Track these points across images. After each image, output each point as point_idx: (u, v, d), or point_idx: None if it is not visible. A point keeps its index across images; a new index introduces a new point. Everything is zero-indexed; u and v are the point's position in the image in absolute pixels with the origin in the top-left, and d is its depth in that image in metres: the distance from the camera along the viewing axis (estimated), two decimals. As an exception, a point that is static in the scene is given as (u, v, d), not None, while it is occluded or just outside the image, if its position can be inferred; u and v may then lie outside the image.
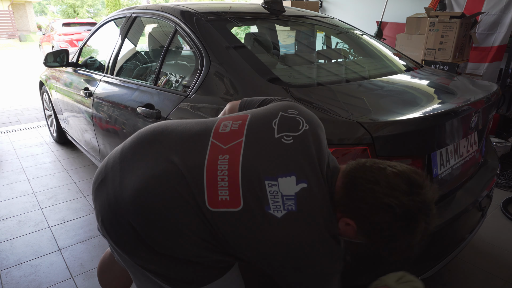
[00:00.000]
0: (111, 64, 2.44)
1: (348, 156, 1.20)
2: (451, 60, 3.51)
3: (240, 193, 0.85)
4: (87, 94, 2.52)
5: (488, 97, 1.62)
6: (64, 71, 3.19)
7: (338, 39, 2.55)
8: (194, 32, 1.76)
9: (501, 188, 3.01)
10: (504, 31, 3.90)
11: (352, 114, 1.28)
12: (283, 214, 0.83)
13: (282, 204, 0.83)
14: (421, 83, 1.87)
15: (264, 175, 0.85)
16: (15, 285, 1.91)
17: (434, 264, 1.46)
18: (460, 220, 1.53)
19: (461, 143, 1.58)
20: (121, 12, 2.59)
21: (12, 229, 2.38)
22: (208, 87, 1.63)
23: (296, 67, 2.00)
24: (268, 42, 2.25)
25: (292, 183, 0.85)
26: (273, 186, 0.84)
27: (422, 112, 1.34)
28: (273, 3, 2.21)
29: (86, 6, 32.92)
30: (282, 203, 0.83)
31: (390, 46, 2.42)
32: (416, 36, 3.93)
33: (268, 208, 0.83)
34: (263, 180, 0.85)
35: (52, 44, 13.49)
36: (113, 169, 0.99)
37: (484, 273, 2.02)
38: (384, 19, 5.01)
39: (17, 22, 23.53)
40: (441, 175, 1.46)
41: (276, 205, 0.83)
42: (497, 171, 1.88)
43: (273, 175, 0.85)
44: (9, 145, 4.03)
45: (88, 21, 16.10)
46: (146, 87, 2.03)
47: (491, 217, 2.56)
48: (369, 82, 1.72)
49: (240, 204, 0.84)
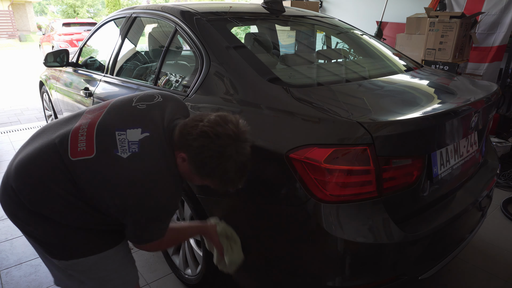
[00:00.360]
0: (111, 64, 2.44)
1: (348, 156, 1.20)
2: (451, 60, 3.51)
3: (94, 143, 1.06)
4: (87, 94, 2.52)
5: (488, 97, 1.62)
6: (64, 71, 3.19)
7: (338, 39, 2.55)
8: (194, 32, 1.76)
9: (501, 188, 3.01)
10: (504, 31, 3.90)
11: (352, 114, 1.28)
12: (128, 155, 1.03)
13: (128, 147, 1.04)
14: (421, 83, 1.87)
15: (116, 128, 1.08)
16: (15, 285, 1.91)
17: (434, 264, 1.46)
18: (460, 220, 1.53)
19: (461, 143, 1.58)
20: (121, 12, 2.59)
21: (12, 229, 2.38)
22: (208, 87, 1.63)
23: (296, 67, 2.00)
24: (268, 42, 2.25)
25: (138, 133, 1.07)
26: (122, 135, 1.06)
27: (422, 112, 1.34)
28: (273, 3, 2.21)
29: (86, 6, 32.92)
30: (128, 147, 1.04)
31: (390, 46, 2.42)
32: (416, 36, 3.93)
33: (116, 151, 1.04)
34: (114, 131, 1.07)
35: (52, 44, 13.49)
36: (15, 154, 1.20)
37: (484, 273, 2.02)
38: (384, 19, 5.01)
39: (17, 22, 23.52)
40: (441, 175, 1.46)
41: (123, 149, 1.04)
42: (497, 171, 1.88)
43: (123, 127, 1.08)
44: (9, 145, 4.03)
45: (88, 21, 16.10)
46: (146, 87, 2.03)
47: (491, 217, 2.56)
48: (369, 82, 1.72)
49: (94, 152, 1.04)
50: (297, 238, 1.29)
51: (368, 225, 1.25)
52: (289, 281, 1.38)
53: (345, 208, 1.23)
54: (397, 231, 1.26)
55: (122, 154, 1.03)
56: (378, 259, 1.28)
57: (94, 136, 1.07)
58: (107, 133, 1.07)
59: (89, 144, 1.05)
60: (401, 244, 1.28)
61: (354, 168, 1.21)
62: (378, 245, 1.24)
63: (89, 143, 1.06)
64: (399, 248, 1.28)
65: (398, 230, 1.27)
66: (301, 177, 1.22)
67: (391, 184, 1.28)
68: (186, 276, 1.87)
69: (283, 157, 1.24)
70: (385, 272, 1.32)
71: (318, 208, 1.21)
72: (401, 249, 1.29)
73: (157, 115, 1.14)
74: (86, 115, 1.17)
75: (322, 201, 1.21)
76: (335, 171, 1.20)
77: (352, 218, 1.24)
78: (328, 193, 1.20)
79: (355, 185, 1.23)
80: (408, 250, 1.32)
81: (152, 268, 2.06)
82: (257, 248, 1.43)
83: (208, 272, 1.67)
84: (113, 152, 1.04)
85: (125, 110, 1.16)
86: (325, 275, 1.29)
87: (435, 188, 1.46)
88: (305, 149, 1.22)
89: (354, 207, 1.24)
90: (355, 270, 1.28)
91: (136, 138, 1.06)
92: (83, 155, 1.04)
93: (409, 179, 1.33)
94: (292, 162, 1.23)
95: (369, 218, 1.25)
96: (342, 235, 1.21)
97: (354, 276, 1.28)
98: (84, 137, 1.07)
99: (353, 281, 1.28)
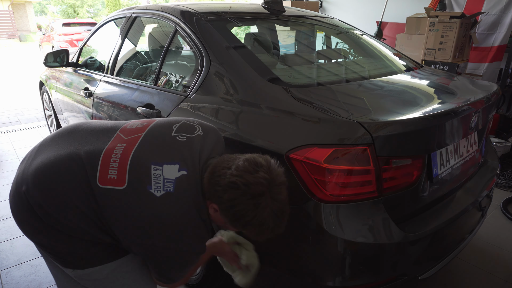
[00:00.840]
0: (111, 64, 2.44)
1: (348, 156, 1.20)
2: (451, 60, 3.51)
3: (126, 174, 0.97)
4: (87, 94, 2.52)
5: (488, 97, 1.62)
6: (64, 71, 3.19)
7: (338, 39, 2.55)
8: (194, 32, 1.76)
9: (501, 188, 3.01)
10: (504, 31, 3.90)
11: (352, 114, 1.28)
12: (162, 194, 0.95)
13: (162, 185, 0.96)
14: (421, 83, 1.87)
15: (152, 161, 0.99)
16: (15, 285, 1.91)
17: (434, 264, 1.47)
18: (460, 220, 1.53)
19: (461, 143, 1.58)
20: (121, 12, 2.59)
21: (12, 229, 2.38)
22: (208, 87, 1.63)
23: (296, 67, 2.00)
24: (268, 42, 2.25)
25: (175, 170, 0.99)
26: (157, 170, 0.98)
27: (422, 112, 1.34)
28: (273, 3, 2.21)
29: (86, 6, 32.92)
30: (162, 184, 0.96)
31: (390, 46, 2.42)
32: (416, 36, 3.92)
33: (149, 188, 0.96)
34: (150, 165, 0.98)
35: (52, 44, 13.50)
36: (31, 151, 1.13)
37: (484, 273, 2.02)
38: (384, 19, 5.01)
39: (17, 22, 23.53)
40: (441, 175, 1.46)
41: (157, 186, 0.96)
42: (497, 171, 1.88)
43: (160, 161, 0.99)
44: (9, 145, 4.03)
45: (88, 21, 16.12)
46: (146, 87, 2.03)
47: (491, 217, 2.56)
48: (369, 82, 1.72)
49: (125, 183, 0.96)
50: (297, 238, 1.29)
51: (368, 225, 1.25)
52: (289, 281, 1.38)
53: (345, 208, 1.23)
54: (397, 231, 1.26)
55: (156, 192, 0.95)
56: (378, 259, 1.28)
57: (127, 166, 0.98)
58: (141, 166, 0.98)
59: (121, 173, 0.97)
60: (401, 244, 1.28)
61: (354, 168, 1.21)
62: (378, 245, 1.24)
63: (121, 173, 0.97)
64: (399, 248, 1.29)
65: (398, 230, 1.27)
66: (301, 177, 1.22)
67: (391, 184, 1.28)
68: (186, 276, 1.87)
69: (283, 157, 1.24)
70: (385, 272, 1.32)
71: (318, 208, 1.21)
72: (401, 249, 1.29)
73: (195, 152, 1.06)
74: (121, 135, 1.08)
75: (322, 201, 1.21)
76: (335, 171, 1.20)
77: (352, 218, 1.24)
78: (328, 193, 1.20)
79: (355, 185, 1.23)
80: (408, 250, 1.32)
81: (152, 268, 2.06)
82: (257, 248, 1.43)
83: (208, 272, 1.67)
84: (146, 188, 0.96)
85: (164, 139, 1.06)
86: (325, 275, 1.29)
87: (435, 188, 1.46)
88: (305, 149, 1.22)
89: (354, 207, 1.24)
90: (355, 270, 1.28)
91: (173, 176, 0.98)
92: (113, 185, 0.96)
93: (409, 179, 1.33)
94: (292, 162, 1.23)
95: (369, 218, 1.25)
96: (342, 235, 1.21)
97: (354, 276, 1.28)
98: (116, 164, 0.98)
99: (353, 281, 1.28)
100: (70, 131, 1.12)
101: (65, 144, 1.07)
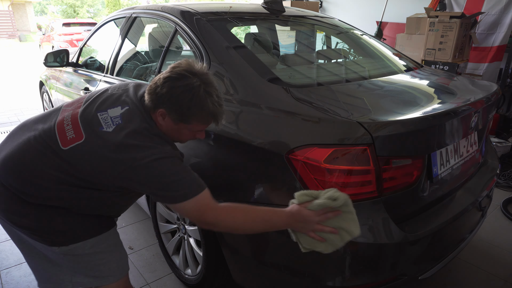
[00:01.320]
0: (111, 64, 2.44)
1: (348, 156, 1.20)
2: (451, 60, 3.51)
3: (81, 129, 1.13)
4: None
5: (488, 97, 1.62)
6: (64, 71, 3.19)
7: (338, 39, 2.55)
8: (194, 32, 1.76)
9: (501, 188, 3.01)
10: (504, 31, 3.91)
11: (352, 114, 1.28)
12: (113, 128, 1.11)
13: (111, 122, 1.13)
14: (421, 83, 1.87)
15: (97, 111, 1.16)
16: (15, 285, 1.91)
17: (434, 264, 1.47)
18: (460, 220, 1.53)
19: (461, 143, 1.58)
20: (121, 12, 2.59)
21: (12, 229, 2.38)
22: (208, 87, 1.63)
23: (296, 67, 2.00)
24: (268, 42, 2.25)
25: (118, 110, 1.16)
26: (104, 114, 1.15)
27: (422, 112, 1.34)
28: (273, 3, 2.21)
29: (86, 6, 32.94)
30: (111, 122, 1.13)
31: (390, 46, 2.42)
32: (416, 36, 3.93)
33: (102, 128, 1.11)
34: (97, 114, 1.15)
35: (52, 44, 13.49)
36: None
37: (484, 273, 2.02)
38: (384, 19, 5.01)
39: (17, 22, 23.53)
40: (441, 175, 1.46)
41: (107, 124, 1.12)
42: (497, 171, 1.88)
43: (104, 109, 1.17)
44: (9, 145, 4.02)
45: (88, 21, 16.13)
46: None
47: (491, 217, 2.56)
48: (369, 82, 1.72)
49: (83, 136, 1.11)
50: (297, 238, 1.28)
51: (368, 225, 1.25)
52: (289, 281, 1.38)
53: (345, 208, 1.23)
54: (397, 231, 1.26)
55: (108, 129, 1.11)
56: (378, 259, 1.28)
57: (79, 123, 1.14)
58: (90, 118, 1.15)
59: (77, 130, 1.13)
60: (401, 244, 1.28)
61: (354, 168, 1.21)
62: (378, 245, 1.24)
63: (77, 130, 1.13)
64: (399, 248, 1.28)
65: (398, 230, 1.27)
66: (301, 177, 1.22)
67: (391, 184, 1.28)
68: (186, 276, 1.87)
69: (283, 157, 1.24)
70: (385, 272, 1.32)
71: (318, 208, 1.21)
72: (401, 249, 1.29)
73: (132, 94, 1.22)
74: (65, 108, 1.24)
75: (322, 201, 1.21)
76: (335, 171, 1.20)
77: (352, 218, 1.23)
78: (328, 193, 1.20)
79: (355, 185, 1.23)
80: (408, 250, 1.32)
81: (152, 268, 2.06)
82: (257, 248, 1.43)
83: (208, 272, 1.67)
84: (99, 130, 1.11)
85: (103, 97, 1.23)
86: (325, 275, 1.29)
87: (435, 188, 1.46)
88: (305, 149, 1.22)
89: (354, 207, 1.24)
90: (355, 270, 1.28)
91: (118, 113, 1.15)
92: (74, 142, 1.11)
93: (409, 179, 1.33)
94: (292, 162, 1.23)
95: (369, 218, 1.25)
96: (342, 235, 1.20)
97: (354, 276, 1.28)
98: (70, 126, 1.14)
99: (353, 281, 1.28)
100: (20, 127, 1.26)
101: (20, 136, 1.20)
